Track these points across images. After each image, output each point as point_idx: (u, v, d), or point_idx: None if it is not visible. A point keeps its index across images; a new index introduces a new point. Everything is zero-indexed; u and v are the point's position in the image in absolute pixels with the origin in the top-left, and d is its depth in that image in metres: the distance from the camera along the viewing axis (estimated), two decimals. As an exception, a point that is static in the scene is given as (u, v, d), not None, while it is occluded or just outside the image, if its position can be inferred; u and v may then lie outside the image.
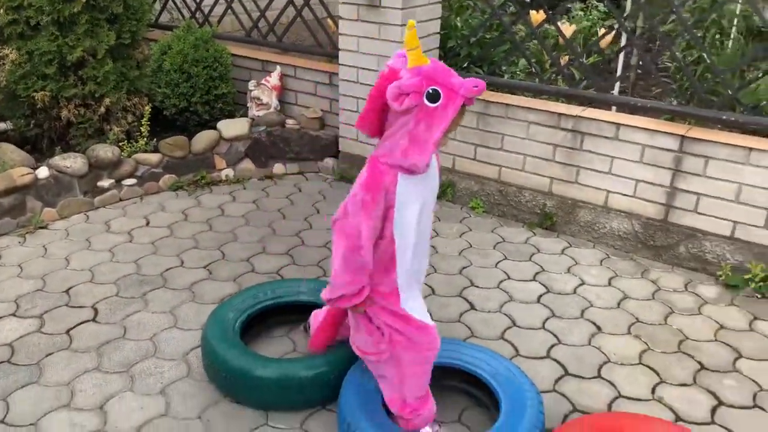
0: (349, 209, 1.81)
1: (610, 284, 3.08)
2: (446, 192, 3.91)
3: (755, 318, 2.83)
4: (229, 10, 4.67)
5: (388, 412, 2.05)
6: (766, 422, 2.24)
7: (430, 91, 1.69)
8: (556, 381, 2.42)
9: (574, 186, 3.50)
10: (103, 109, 4.22)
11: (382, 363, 2.00)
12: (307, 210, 3.78)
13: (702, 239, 3.18)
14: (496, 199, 3.78)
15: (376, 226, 1.81)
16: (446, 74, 1.73)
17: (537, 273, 3.16)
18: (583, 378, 2.44)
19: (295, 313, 2.65)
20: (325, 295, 1.92)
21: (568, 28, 3.83)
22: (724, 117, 3.08)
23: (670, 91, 3.60)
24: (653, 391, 2.38)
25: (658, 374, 2.47)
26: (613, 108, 3.73)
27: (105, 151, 3.80)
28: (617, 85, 4.05)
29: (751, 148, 2.97)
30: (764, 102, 3.12)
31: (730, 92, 3.05)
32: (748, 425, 2.23)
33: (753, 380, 2.44)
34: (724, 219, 3.11)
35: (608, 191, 3.41)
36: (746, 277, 3.01)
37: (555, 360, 2.53)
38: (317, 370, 2.21)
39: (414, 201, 1.84)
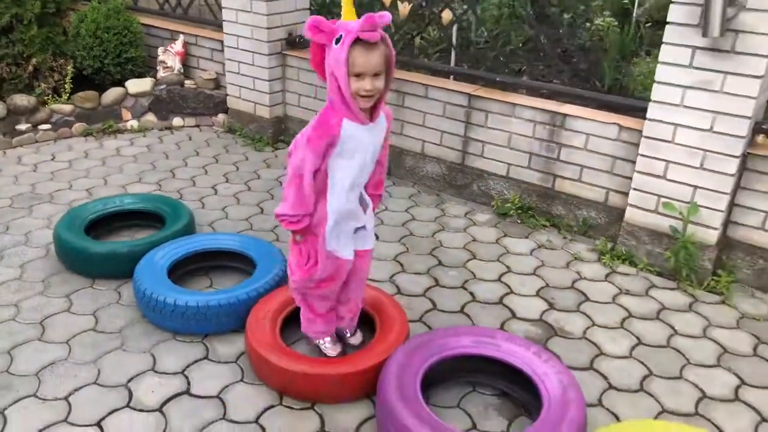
0: (298, 143, 2.08)
1: (406, 211, 3.85)
2: (310, 143, 4.68)
3: (505, 235, 3.60)
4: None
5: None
6: (463, 296, 3.02)
7: (338, 36, 1.95)
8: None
9: (401, 137, 4.27)
10: (31, 68, 5.01)
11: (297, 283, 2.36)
12: (189, 153, 4.56)
13: (488, 179, 3.95)
14: (346, 149, 4.54)
15: (316, 161, 2.07)
16: (355, 23, 1.94)
17: (353, 202, 3.93)
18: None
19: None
20: (276, 210, 2.19)
21: (405, 7, 4.58)
22: (498, 78, 3.85)
23: (467, 59, 4.35)
24: (391, 277, 3.16)
25: (402, 266, 3.25)
26: (452, 77, 4.49)
27: (22, 99, 4.58)
28: (452, 54, 4.80)
29: (515, 104, 3.73)
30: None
31: (502, 59, 3.80)
32: (451, 298, 3.01)
33: (471, 271, 3.22)
34: (501, 161, 3.88)
35: (423, 141, 4.17)
36: (508, 206, 3.79)
37: (330, 256, 3.32)
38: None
39: (353, 146, 2.07)
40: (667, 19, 2.99)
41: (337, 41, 1.95)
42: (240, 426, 2.25)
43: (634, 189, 3.31)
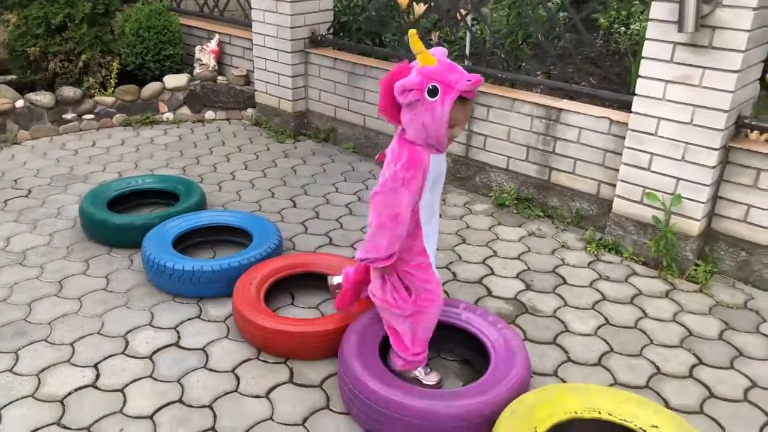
0: (390, 186, 2.07)
1: (408, 199, 4.05)
2: (329, 137, 4.95)
3: (499, 224, 3.76)
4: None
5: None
6: (444, 275, 3.20)
7: (430, 87, 1.93)
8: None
9: (410, 130, 4.47)
10: (81, 64, 5.45)
11: (401, 317, 2.32)
12: (216, 143, 4.89)
13: (489, 171, 4.11)
14: (362, 142, 4.79)
15: (415, 199, 2.10)
16: (446, 71, 1.94)
17: (359, 190, 4.16)
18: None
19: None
20: (359, 255, 2.22)
21: (420, 7, 4.80)
22: (500, 74, 4.01)
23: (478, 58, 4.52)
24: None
25: (394, 248, 3.46)
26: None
27: (69, 91, 5.02)
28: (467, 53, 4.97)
29: (514, 99, 3.89)
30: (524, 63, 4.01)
31: (503, 55, 3.97)
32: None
33: (458, 254, 3.40)
34: (501, 155, 4.04)
35: (430, 134, 4.37)
36: (504, 196, 3.94)
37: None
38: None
39: (436, 174, 2.16)
40: (650, 16, 3.11)
41: (431, 93, 1.95)
42: (217, 374, 2.50)
43: (621, 180, 3.42)
